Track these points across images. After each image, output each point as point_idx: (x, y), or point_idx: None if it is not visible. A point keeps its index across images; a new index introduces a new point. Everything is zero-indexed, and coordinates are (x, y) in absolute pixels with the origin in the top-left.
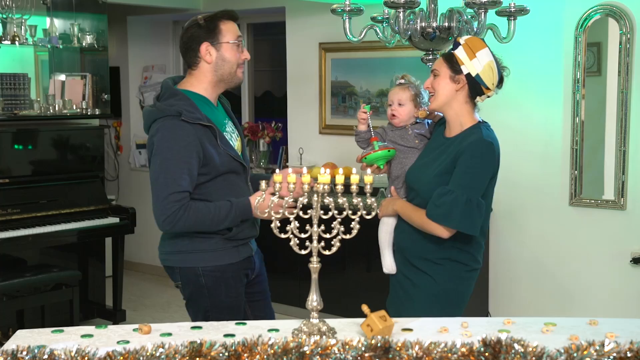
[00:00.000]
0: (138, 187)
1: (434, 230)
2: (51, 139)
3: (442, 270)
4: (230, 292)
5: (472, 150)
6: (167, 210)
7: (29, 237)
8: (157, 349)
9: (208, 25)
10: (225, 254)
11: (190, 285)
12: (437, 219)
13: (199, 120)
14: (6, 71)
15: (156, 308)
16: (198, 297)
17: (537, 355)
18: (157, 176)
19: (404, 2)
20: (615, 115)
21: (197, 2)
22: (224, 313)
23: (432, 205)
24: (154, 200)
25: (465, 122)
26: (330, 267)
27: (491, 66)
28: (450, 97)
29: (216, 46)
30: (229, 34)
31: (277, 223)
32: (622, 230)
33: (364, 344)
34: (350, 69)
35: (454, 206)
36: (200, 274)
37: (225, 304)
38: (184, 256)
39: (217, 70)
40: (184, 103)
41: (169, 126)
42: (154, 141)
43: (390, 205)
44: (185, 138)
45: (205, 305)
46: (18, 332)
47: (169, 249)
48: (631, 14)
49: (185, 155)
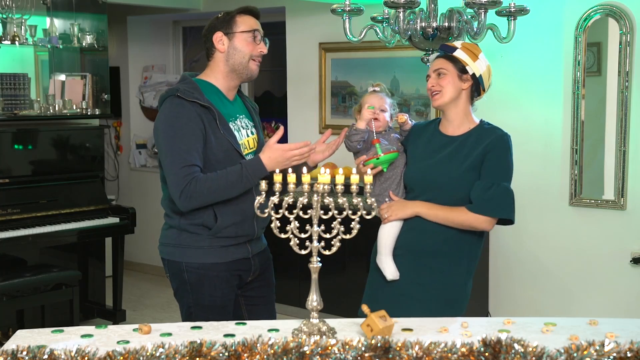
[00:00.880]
0: (138, 187)
1: (479, 225)
2: (51, 139)
3: (454, 265)
4: (214, 292)
5: (502, 144)
6: (179, 186)
7: (29, 237)
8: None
9: (225, 17)
10: (210, 253)
11: (176, 279)
12: (489, 212)
13: (196, 99)
14: (6, 71)
15: (156, 308)
16: (182, 292)
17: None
18: (165, 156)
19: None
20: (615, 115)
21: (197, 2)
22: (207, 312)
23: (480, 200)
24: (167, 179)
25: (471, 119)
26: (330, 267)
27: (490, 70)
28: (457, 95)
29: (229, 35)
30: (243, 25)
31: (277, 223)
32: (622, 230)
33: (364, 344)
34: (350, 69)
35: (503, 197)
36: (184, 269)
37: (208, 303)
38: (171, 249)
39: (228, 60)
40: (187, 86)
41: (169, 105)
42: (157, 121)
43: (408, 208)
44: (187, 114)
45: (188, 302)
46: (18, 332)
47: (162, 240)
48: (631, 14)
49: (187, 131)
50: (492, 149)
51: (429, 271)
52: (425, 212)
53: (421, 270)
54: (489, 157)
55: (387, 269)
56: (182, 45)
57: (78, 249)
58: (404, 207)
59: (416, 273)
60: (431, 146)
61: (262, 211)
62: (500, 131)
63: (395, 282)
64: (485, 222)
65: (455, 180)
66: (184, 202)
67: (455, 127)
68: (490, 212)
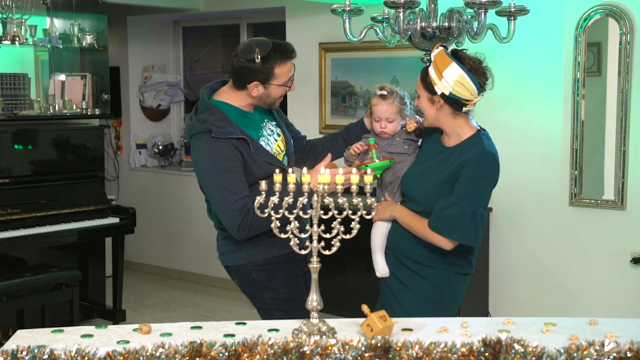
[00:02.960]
0: (138, 187)
1: (437, 242)
2: (51, 139)
3: (437, 273)
4: (285, 283)
5: (477, 162)
6: (235, 220)
7: (29, 237)
8: (157, 349)
9: (264, 66)
10: (271, 247)
11: (246, 281)
12: (442, 231)
13: (230, 135)
14: (6, 71)
15: (156, 308)
16: (255, 292)
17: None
18: (213, 194)
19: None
20: (615, 115)
21: (197, 2)
22: (288, 304)
23: (436, 218)
24: (220, 216)
25: (463, 132)
26: (330, 267)
27: (460, 81)
28: (435, 116)
29: (265, 85)
30: (282, 77)
31: (277, 223)
32: (622, 230)
33: (364, 344)
34: (350, 69)
35: (460, 219)
36: (251, 269)
37: (284, 296)
38: (234, 255)
39: (259, 100)
40: (215, 118)
41: (205, 143)
42: (195, 159)
43: (388, 210)
44: (224, 150)
45: (265, 300)
46: (18, 332)
47: (221, 249)
48: (631, 14)
49: (230, 166)
50: (466, 166)
51: (411, 273)
52: (398, 218)
53: (404, 271)
54: (462, 174)
55: (377, 266)
56: (182, 45)
57: (78, 249)
58: (385, 210)
59: (401, 274)
60: (427, 154)
61: (262, 211)
62: (482, 148)
63: (386, 282)
64: (442, 241)
65: (425, 192)
66: (242, 234)
67: (449, 138)
68: (443, 231)
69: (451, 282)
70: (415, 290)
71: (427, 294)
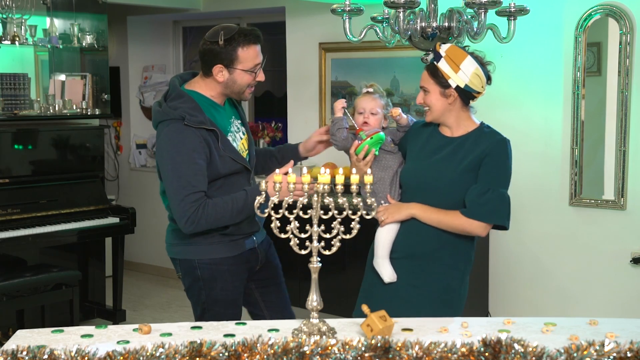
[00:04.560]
0: (138, 187)
1: (472, 229)
2: (51, 139)
3: (450, 268)
4: (225, 285)
5: (501, 148)
6: (186, 212)
7: (29, 237)
8: (157, 349)
9: (227, 48)
10: (221, 248)
11: (189, 276)
12: (482, 217)
13: (202, 125)
14: (6, 71)
15: (156, 308)
16: (195, 289)
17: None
18: (170, 181)
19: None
20: (615, 115)
21: (197, 2)
22: (220, 306)
23: (474, 205)
24: (171, 205)
25: (469, 123)
26: (330, 267)
27: (477, 73)
28: (445, 109)
29: (229, 70)
30: (247, 62)
31: (277, 223)
32: (622, 230)
33: (364, 344)
34: (350, 69)
35: (500, 203)
36: (197, 266)
37: (220, 297)
38: (183, 248)
39: (226, 88)
40: (187, 106)
41: (174, 130)
42: (161, 144)
43: (403, 209)
44: (193, 140)
45: (202, 298)
46: (18, 332)
47: (171, 240)
48: (631, 14)
49: (194, 156)
50: (490, 153)
51: (424, 274)
52: (420, 214)
53: (417, 273)
54: (487, 161)
55: (385, 272)
56: (182, 45)
57: (78, 249)
58: (399, 210)
59: (413, 276)
60: (429, 146)
61: (262, 211)
62: (499, 136)
63: (391, 283)
64: (479, 228)
65: (450, 182)
66: (189, 227)
67: (453, 129)
68: (484, 217)
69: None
70: (426, 290)
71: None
